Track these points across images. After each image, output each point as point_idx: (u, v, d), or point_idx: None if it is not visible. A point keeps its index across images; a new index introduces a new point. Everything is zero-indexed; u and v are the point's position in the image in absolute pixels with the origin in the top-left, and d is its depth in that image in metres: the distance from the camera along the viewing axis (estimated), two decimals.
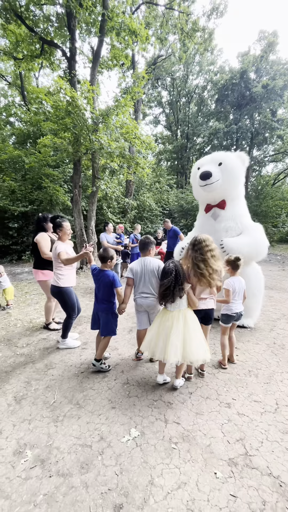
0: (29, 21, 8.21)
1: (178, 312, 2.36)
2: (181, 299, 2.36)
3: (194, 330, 2.33)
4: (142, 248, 2.88)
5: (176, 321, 2.32)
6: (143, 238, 2.91)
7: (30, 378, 2.68)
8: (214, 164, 3.80)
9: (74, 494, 1.52)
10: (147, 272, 2.76)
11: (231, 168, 3.70)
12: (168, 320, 2.34)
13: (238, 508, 1.43)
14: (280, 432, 1.97)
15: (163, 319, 2.40)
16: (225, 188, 3.76)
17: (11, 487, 1.56)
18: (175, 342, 2.24)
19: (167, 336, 2.29)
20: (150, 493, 1.52)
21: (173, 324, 2.31)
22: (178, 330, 2.28)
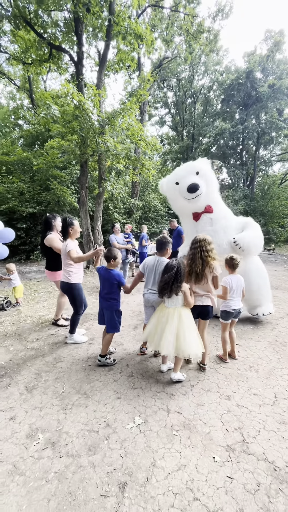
0: (37, 27, 8.43)
1: (174, 310, 2.51)
2: (177, 296, 2.50)
3: (188, 327, 2.46)
4: (160, 248, 2.91)
5: (171, 318, 2.47)
6: (161, 237, 2.93)
7: (40, 370, 2.83)
8: (193, 175, 3.77)
9: (82, 472, 1.65)
10: (158, 271, 2.82)
11: (208, 175, 3.83)
12: (164, 316, 2.52)
13: (234, 488, 1.54)
14: (277, 423, 2.06)
15: (161, 314, 2.58)
16: (207, 194, 3.81)
17: (25, 465, 1.71)
18: (168, 337, 2.40)
19: (162, 330, 2.47)
20: (152, 473, 1.64)
21: (168, 320, 2.47)
22: (172, 326, 2.43)
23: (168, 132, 27.22)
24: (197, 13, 10.89)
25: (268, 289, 4.08)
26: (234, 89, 18.02)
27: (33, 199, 11.69)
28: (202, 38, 11.24)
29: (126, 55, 8.77)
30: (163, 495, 1.51)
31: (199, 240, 2.69)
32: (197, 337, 2.50)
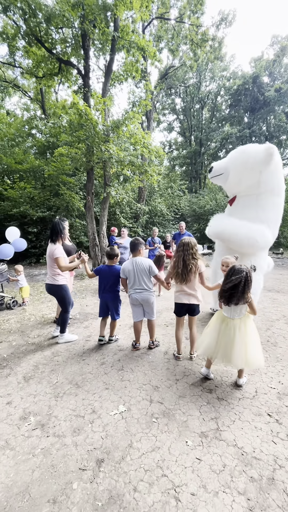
0: (48, 43, 8.96)
1: (240, 320, 2.37)
2: (243, 305, 2.34)
3: (257, 338, 2.40)
4: (133, 249, 3.20)
5: (239, 329, 2.34)
6: (133, 239, 3.24)
7: (38, 363, 3.05)
8: (225, 159, 3.96)
9: (66, 450, 1.84)
10: (139, 271, 3.10)
11: (237, 162, 3.61)
12: (230, 329, 2.36)
13: (200, 468, 1.68)
14: (253, 414, 2.17)
15: (223, 326, 2.42)
16: (233, 182, 3.73)
17: (16, 442, 1.91)
18: (240, 349, 2.29)
19: (230, 343, 2.33)
20: (128, 453, 1.80)
21: (235, 333, 2.33)
22: (242, 338, 2.32)
23: (177, 138, 27.56)
24: (201, 23, 11.17)
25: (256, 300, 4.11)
26: (241, 94, 18.13)
27: (43, 204, 12.20)
28: (206, 46, 11.49)
29: (131, 67, 9.13)
30: (135, 471, 1.67)
31: (183, 244, 2.88)
32: (261, 347, 2.43)
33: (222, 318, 2.47)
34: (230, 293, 2.25)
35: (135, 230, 13.89)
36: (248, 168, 3.50)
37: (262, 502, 1.46)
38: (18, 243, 5.58)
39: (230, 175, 3.76)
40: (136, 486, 1.56)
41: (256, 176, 3.50)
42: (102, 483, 1.59)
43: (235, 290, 2.22)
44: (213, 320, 2.58)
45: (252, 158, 3.47)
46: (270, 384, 2.60)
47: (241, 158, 3.60)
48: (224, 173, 3.84)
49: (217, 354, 2.43)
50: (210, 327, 2.56)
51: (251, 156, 3.48)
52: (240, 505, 1.45)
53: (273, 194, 3.63)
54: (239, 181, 3.70)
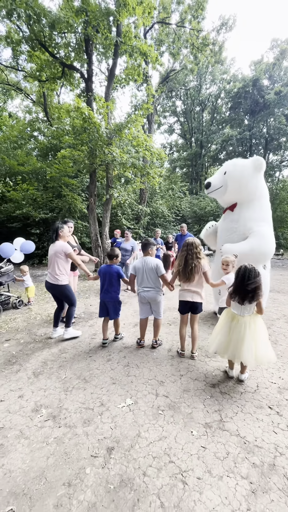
0: (51, 48, 9.13)
1: (250, 318, 2.46)
2: (253, 304, 2.43)
3: (266, 334, 2.49)
4: (143, 249, 3.37)
5: (249, 326, 2.43)
6: (144, 240, 3.41)
7: (46, 360, 3.16)
8: (220, 174, 4.22)
9: (77, 439, 1.94)
10: (148, 270, 3.24)
11: (235, 176, 3.96)
12: (241, 326, 2.44)
13: (205, 455, 1.78)
14: (254, 407, 2.27)
15: (234, 323, 2.50)
16: (233, 193, 4.06)
17: (30, 432, 2.01)
18: (251, 345, 2.38)
19: (241, 339, 2.41)
20: (136, 442, 1.90)
21: (246, 329, 2.42)
22: (252, 334, 2.40)
23: (177, 140, 27.74)
24: (201, 27, 11.35)
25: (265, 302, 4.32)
26: (241, 97, 18.31)
27: (46, 206, 12.34)
28: (207, 50, 11.66)
29: (133, 70, 9.29)
30: (144, 458, 1.77)
31: (187, 244, 3.00)
32: (270, 343, 2.52)
33: (232, 316, 2.55)
34: (245, 293, 2.35)
35: (136, 231, 14.01)
36: (245, 179, 3.90)
37: (263, 485, 1.56)
38: (27, 246, 5.72)
39: (228, 188, 4.03)
40: (145, 471, 1.66)
41: (253, 184, 3.93)
42: (113, 469, 1.69)
43: (250, 291, 2.33)
44: (222, 318, 2.67)
45: (247, 169, 3.90)
46: (271, 379, 2.70)
47: (239, 172, 3.94)
48: (223, 186, 4.08)
49: (228, 350, 2.51)
50: (221, 324, 2.63)
51: (246, 168, 3.91)
52: (243, 487, 1.55)
53: (264, 197, 4.13)
54: (239, 191, 4.01)
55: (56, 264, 3.50)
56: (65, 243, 3.60)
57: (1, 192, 12.00)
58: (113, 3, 8.82)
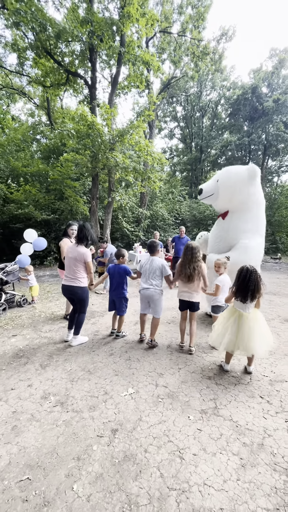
0: (56, 56, 9.43)
1: (254, 314, 2.69)
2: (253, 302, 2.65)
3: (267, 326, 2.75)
4: (151, 250, 3.58)
5: (254, 321, 2.66)
6: (151, 241, 3.58)
7: (52, 353, 3.34)
8: (213, 180, 4.33)
9: (84, 422, 2.12)
10: (153, 269, 3.46)
11: (227, 184, 4.01)
12: (248, 322, 2.64)
13: (201, 436, 1.96)
14: (247, 396, 2.46)
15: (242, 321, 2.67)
16: (224, 201, 4.14)
17: (40, 416, 2.19)
18: (258, 338, 2.61)
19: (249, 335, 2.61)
20: (138, 425, 2.08)
21: (253, 324, 2.64)
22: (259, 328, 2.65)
23: (178, 144, 28.14)
24: (202, 37, 11.70)
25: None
26: (241, 103, 18.70)
27: (48, 207, 12.55)
28: (207, 58, 12.01)
29: (136, 78, 9.59)
30: (145, 438, 1.95)
31: (191, 248, 3.22)
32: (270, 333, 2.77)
33: (238, 314, 2.71)
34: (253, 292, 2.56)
35: (136, 234, 14.22)
36: (237, 187, 3.90)
37: (252, 461, 1.75)
38: (38, 242, 5.95)
39: (220, 195, 4.12)
40: (146, 449, 1.85)
41: (245, 193, 3.92)
42: (117, 446, 1.87)
43: (255, 288, 2.56)
44: (226, 316, 2.82)
45: (240, 178, 3.91)
46: (264, 373, 2.89)
47: (231, 180, 3.98)
48: (214, 193, 4.19)
49: (240, 346, 2.67)
50: (226, 323, 2.76)
51: (239, 176, 3.92)
52: (234, 462, 1.74)
53: (258, 206, 4.11)
54: (230, 199, 4.05)
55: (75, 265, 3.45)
56: (88, 251, 3.51)
57: (4, 193, 12.21)
58: (117, 14, 9.16)
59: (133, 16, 7.32)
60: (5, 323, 4.42)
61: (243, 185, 3.88)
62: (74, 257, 3.44)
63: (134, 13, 7.26)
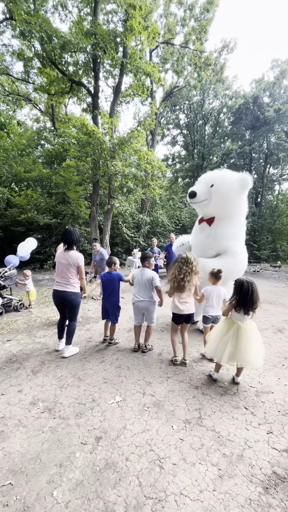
0: (61, 65, 9.69)
1: (250, 324, 2.77)
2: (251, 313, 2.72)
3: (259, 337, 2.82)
4: (142, 261, 3.63)
5: (251, 332, 2.73)
6: (144, 252, 3.69)
7: (44, 359, 3.39)
8: (206, 185, 4.06)
9: (70, 429, 2.17)
10: (144, 280, 3.49)
11: (222, 191, 3.88)
12: (246, 333, 2.69)
13: (182, 446, 2.01)
14: (231, 407, 2.50)
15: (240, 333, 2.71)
16: (214, 207, 4.04)
17: (27, 421, 2.25)
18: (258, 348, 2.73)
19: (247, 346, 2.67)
20: (122, 433, 2.13)
21: (251, 335, 2.71)
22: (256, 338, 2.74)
23: (180, 151, 28.43)
24: (204, 48, 11.97)
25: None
26: (242, 112, 18.94)
27: (50, 212, 12.72)
28: (209, 69, 12.25)
29: (138, 88, 9.81)
30: (127, 446, 2.00)
31: (184, 258, 3.13)
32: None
33: (238, 326, 2.74)
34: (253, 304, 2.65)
35: (136, 240, 14.33)
36: (230, 195, 3.90)
37: (230, 472, 1.79)
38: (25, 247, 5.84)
39: (212, 201, 3.97)
40: (128, 457, 1.89)
41: (236, 201, 3.98)
42: (100, 454, 1.92)
43: (256, 299, 2.65)
44: (224, 329, 2.82)
45: (234, 186, 3.88)
46: (251, 384, 2.92)
47: (226, 187, 3.89)
48: (207, 199, 4.00)
49: (238, 358, 2.70)
50: (225, 335, 2.77)
51: (234, 184, 3.88)
52: (212, 473, 1.78)
53: (242, 214, 4.20)
54: (222, 207, 4.01)
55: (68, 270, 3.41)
56: (80, 255, 3.48)
57: (7, 197, 12.41)
58: (121, 26, 9.42)
59: (135, 29, 7.54)
60: (1, 328, 4.49)
61: (236, 194, 3.91)
62: (66, 263, 3.38)
63: (136, 26, 7.48)
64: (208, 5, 12.41)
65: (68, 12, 9.55)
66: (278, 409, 2.47)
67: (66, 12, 9.43)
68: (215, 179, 4.04)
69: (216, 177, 4.09)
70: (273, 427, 2.23)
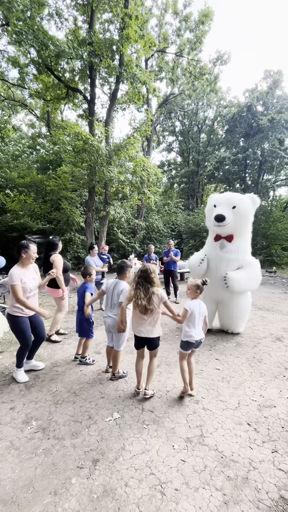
0: (57, 72, 9.71)
1: None
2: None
3: None
4: (118, 271, 3.04)
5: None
6: (120, 262, 3.07)
7: (39, 372, 3.26)
8: (228, 207, 4.27)
9: (65, 450, 2.05)
10: (115, 294, 2.95)
11: (243, 212, 4.27)
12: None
13: (184, 468, 1.90)
14: (234, 423, 2.41)
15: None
16: (235, 227, 4.35)
17: (20, 443, 2.12)
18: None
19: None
20: (120, 454, 2.02)
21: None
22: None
23: (176, 158, 28.70)
24: (199, 58, 12.19)
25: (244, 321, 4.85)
26: (237, 121, 19.27)
27: (44, 218, 12.59)
28: (204, 79, 12.46)
29: (134, 95, 9.88)
30: (127, 469, 1.88)
31: (144, 270, 2.65)
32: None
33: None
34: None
35: (132, 245, 14.27)
36: (248, 215, 4.34)
37: (236, 497, 1.69)
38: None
39: (235, 222, 4.28)
40: (127, 482, 1.78)
41: (250, 219, 4.44)
42: (97, 479, 1.80)
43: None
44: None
45: (250, 206, 4.33)
46: (252, 397, 2.84)
47: (245, 208, 4.27)
48: (231, 221, 4.26)
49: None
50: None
51: (250, 205, 4.33)
52: (216, 499, 1.68)
53: (250, 229, 4.63)
54: (242, 225, 4.38)
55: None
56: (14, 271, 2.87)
57: (1, 203, 12.25)
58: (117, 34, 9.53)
59: (131, 38, 7.62)
60: None
61: (251, 212, 4.36)
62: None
63: (132, 35, 7.56)
64: (203, 18, 12.70)
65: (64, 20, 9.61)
66: (282, 424, 2.39)
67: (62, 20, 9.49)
68: (236, 202, 4.30)
69: (236, 199, 4.35)
70: (277, 445, 2.14)
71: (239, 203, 4.27)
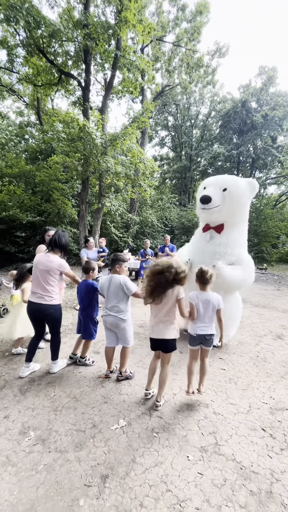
0: (49, 55, 9.15)
1: None
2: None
3: None
4: (112, 264, 2.92)
5: None
6: (114, 254, 2.96)
7: (34, 375, 3.00)
8: (218, 189, 3.70)
9: (69, 465, 1.84)
10: (113, 289, 2.79)
11: (235, 196, 3.63)
12: None
13: (203, 482, 1.74)
14: (248, 429, 2.27)
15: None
16: (226, 213, 3.70)
17: (17, 458, 1.88)
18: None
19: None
20: (131, 468, 1.83)
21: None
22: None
23: (168, 153, 28.39)
24: (197, 49, 11.90)
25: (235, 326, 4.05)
26: (231, 116, 19.18)
27: (34, 210, 12.05)
28: (201, 70, 12.20)
29: (129, 84, 9.50)
30: (140, 486, 1.70)
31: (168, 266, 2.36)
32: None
33: None
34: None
35: (125, 240, 13.99)
36: (242, 200, 3.70)
37: None
38: None
39: (225, 206, 3.66)
40: (142, 502, 1.60)
41: (247, 206, 3.83)
42: (108, 499, 1.61)
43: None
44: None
45: (246, 191, 3.70)
46: (263, 399, 2.72)
47: (239, 191, 3.65)
48: (220, 205, 3.65)
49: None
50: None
51: (245, 189, 3.70)
52: None
53: (246, 220, 4.01)
54: (234, 212, 3.73)
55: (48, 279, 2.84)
56: (62, 260, 2.94)
57: None
58: (114, 18, 9.08)
59: (130, 22, 7.23)
60: None
61: (247, 198, 3.75)
62: (48, 269, 2.81)
63: (131, 18, 7.18)
64: (201, 7, 12.37)
65: None
66: None
67: None
68: (228, 183, 3.70)
69: (228, 180, 3.76)
70: None
71: (231, 185, 3.64)
